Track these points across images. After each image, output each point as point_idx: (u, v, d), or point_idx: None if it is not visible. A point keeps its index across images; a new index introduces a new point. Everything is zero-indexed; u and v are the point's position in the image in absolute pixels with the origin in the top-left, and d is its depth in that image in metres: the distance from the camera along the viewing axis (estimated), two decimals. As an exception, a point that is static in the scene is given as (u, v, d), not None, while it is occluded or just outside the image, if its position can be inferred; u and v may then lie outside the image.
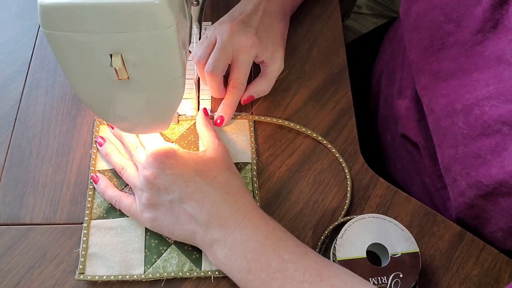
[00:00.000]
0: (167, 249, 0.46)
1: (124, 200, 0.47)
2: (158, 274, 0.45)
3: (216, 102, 0.55)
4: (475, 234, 0.49)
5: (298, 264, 0.40)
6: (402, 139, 0.59)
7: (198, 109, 0.55)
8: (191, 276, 0.45)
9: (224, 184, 0.44)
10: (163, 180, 0.43)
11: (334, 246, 0.45)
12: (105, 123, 0.53)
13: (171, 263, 0.45)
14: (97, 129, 0.53)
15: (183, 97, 0.42)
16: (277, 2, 0.56)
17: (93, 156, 0.51)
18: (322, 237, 0.48)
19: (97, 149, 0.51)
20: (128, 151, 0.50)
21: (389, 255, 0.44)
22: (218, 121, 0.53)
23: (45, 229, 0.47)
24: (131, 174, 0.47)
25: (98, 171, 0.50)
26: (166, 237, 0.47)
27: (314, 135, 0.53)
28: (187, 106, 0.55)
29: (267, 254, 0.41)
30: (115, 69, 0.34)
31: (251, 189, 0.50)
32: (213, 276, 0.45)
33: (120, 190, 0.49)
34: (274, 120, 0.54)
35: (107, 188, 0.48)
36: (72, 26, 0.31)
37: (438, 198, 0.55)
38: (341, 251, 0.44)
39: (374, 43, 0.77)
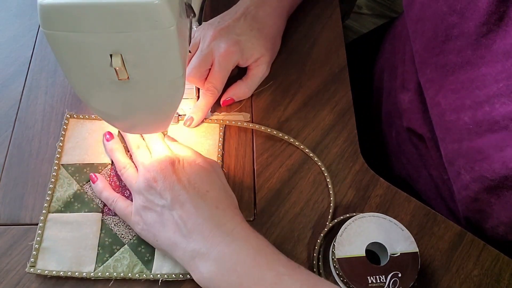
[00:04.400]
0: (120, 249, 0.46)
1: (120, 202, 0.47)
2: (107, 273, 0.44)
3: (215, 103, 0.55)
4: (477, 228, 0.49)
5: (294, 277, 0.39)
6: (407, 132, 0.59)
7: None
8: (140, 278, 0.45)
9: (215, 199, 0.44)
10: (160, 185, 0.44)
11: (333, 244, 0.45)
12: (75, 116, 0.53)
13: (122, 263, 0.45)
14: (67, 122, 0.53)
15: (183, 97, 0.42)
16: (269, 5, 0.57)
17: (59, 150, 0.51)
18: (316, 247, 0.48)
19: (103, 143, 0.51)
20: (129, 149, 0.50)
21: (388, 255, 0.44)
22: (188, 122, 0.53)
23: (45, 229, 0.47)
24: (131, 175, 0.47)
25: (63, 165, 0.50)
26: (122, 237, 0.47)
27: (306, 149, 0.53)
28: (187, 106, 0.55)
29: (261, 268, 0.40)
30: (115, 69, 0.34)
31: None
32: (162, 280, 0.45)
33: (80, 185, 0.49)
34: (269, 130, 0.53)
35: (104, 189, 0.48)
36: (72, 26, 0.31)
37: (445, 190, 0.55)
38: (340, 249, 0.44)
39: (374, 43, 0.77)
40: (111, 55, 0.33)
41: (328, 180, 0.51)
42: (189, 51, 0.53)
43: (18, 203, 0.48)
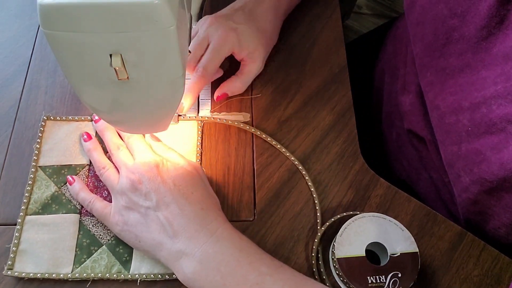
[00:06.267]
0: (98, 250, 0.46)
1: (97, 203, 0.47)
2: (85, 274, 0.44)
3: (215, 103, 0.55)
4: (478, 230, 0.49)
5: (276, 276, 0.40)
6: (408, 134, 0.59)
7: (198, 110, 0.55)
8: (118, 278, 0.45)
9: (199, 200, 0.44)
10: (145, 187, 0.44)
11: (333, 244, 0.45)
12: (52, 118, 0.53)
13: (100, 264, 0.45)
14: (43, 124, 0.53)
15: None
16: (267, 2, 0.57)
17: (36, 152, 0.51)
18: (314, 247, 0.48)
19: (82, 144, 0.51)
20: (108, 149, 0.50)
21: (388, 255, 0.44)
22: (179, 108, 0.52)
23: (45, 229, 0.47)
24: (112, 175, 0.47)
25: (40, 167, 0.50)
26: (100, 238, 0.46)
27: (295, 161, 0.52)
28: (187, 106, 0.55)
29: (243, 268, 0.40)
30: (114, 69, 0.34)
31: None
32: (140, 280, 0.45)
33: (58, 187, 0.49)
34: (264, 136, 0.53)
35: (81, 191, 0.48)
36: (72, 26, 0.31)
37: (446, 192, 0.55)
38: (340, 249, 0.44)
39: (374, 43, 0.77)
40: (110, 55, 0.33)
41: (314, 196, 0.50)
42: (189, 51, 0.53)
43: (18, 203, 0.48)
